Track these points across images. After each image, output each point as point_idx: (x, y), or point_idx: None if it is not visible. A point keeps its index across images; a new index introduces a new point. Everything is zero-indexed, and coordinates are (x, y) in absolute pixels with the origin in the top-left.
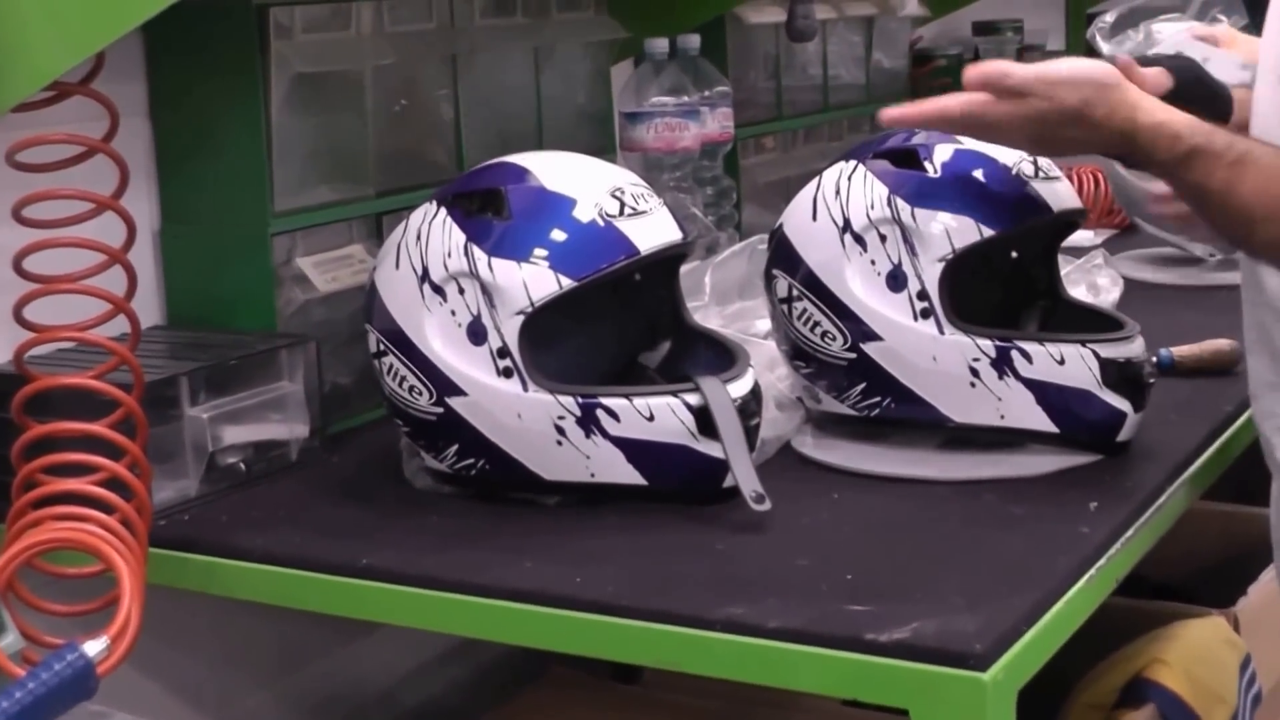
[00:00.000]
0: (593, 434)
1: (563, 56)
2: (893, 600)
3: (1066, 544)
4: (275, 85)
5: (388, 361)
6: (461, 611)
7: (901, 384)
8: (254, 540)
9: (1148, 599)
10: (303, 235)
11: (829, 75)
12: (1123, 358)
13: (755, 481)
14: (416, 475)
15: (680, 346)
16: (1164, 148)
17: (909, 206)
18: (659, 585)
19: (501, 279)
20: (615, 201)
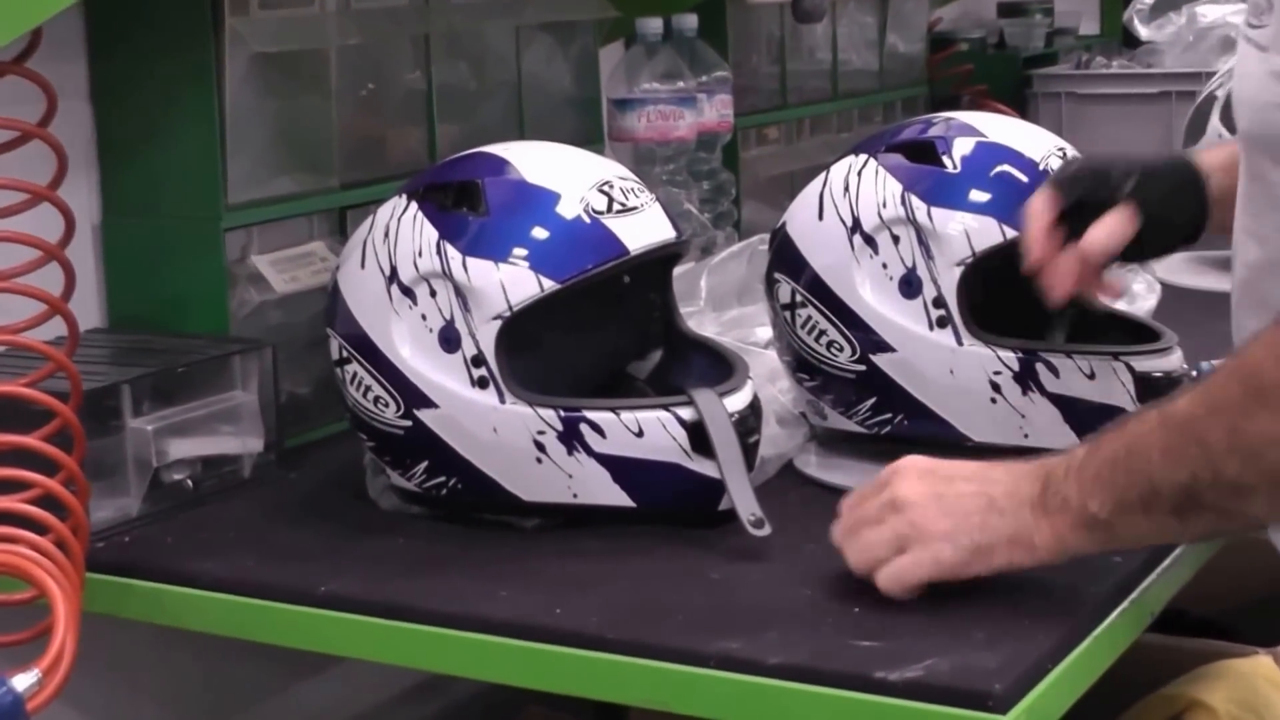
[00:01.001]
0: (576, 451)
1: (546, 37)
2: (905, 635)
3: (1097, 574)
4: (230, 66)
5: (351, 370)
6: (429, 645)
7: (915, 399)
8: (202, 565)
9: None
10: (259, 230)
11: (838, 60)
12: (1159, 371)
13: (754, 504)
14: (382, 494)
15: (673, 356)
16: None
17: (925, 205)
18: (647, 617)
19: (477, 280)
20: (603, 197)
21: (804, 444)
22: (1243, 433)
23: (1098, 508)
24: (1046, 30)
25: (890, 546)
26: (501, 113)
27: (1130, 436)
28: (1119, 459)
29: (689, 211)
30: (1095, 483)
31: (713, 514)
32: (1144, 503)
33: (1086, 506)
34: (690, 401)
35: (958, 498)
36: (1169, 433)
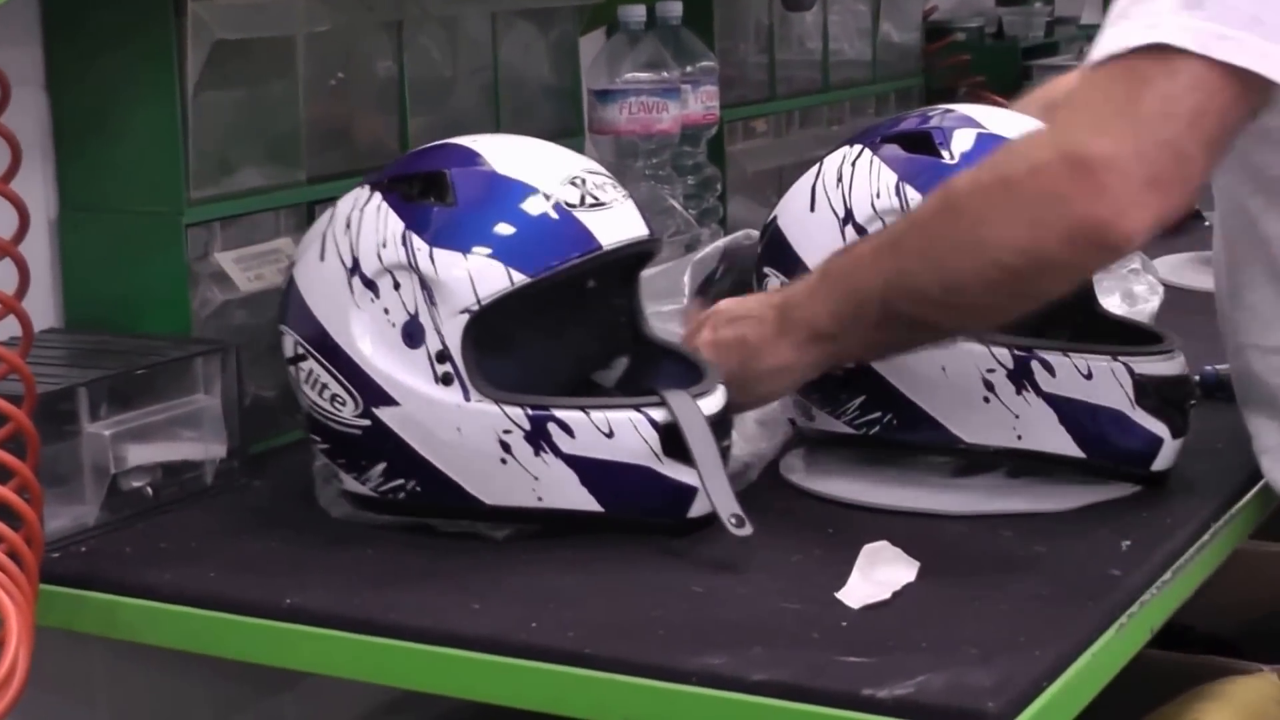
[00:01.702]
0: (543, 452)
1: (524, 24)
2: (895, 651)
3: (1095, 588)
4: (192, 54)
5: (307, 367)
6: (400, 660)
7: (905, 397)
8: (161, 576)
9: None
10: (222, 226)
11: (829, 50)
12: (1161, 375)
13: (734, 503)
14: (333, 503)
15: (640, 363)
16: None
17: (921, 196)
18: (626, 631)
19: (444, 273)
20: (574, 190)
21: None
22: (928, 238)
23: (824, 323)
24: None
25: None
26: (477, 103)
27: (852, 254)
28: (841, 275)
29: (673, 208)
30: (821, 299)
31: (682, 522)
32: (855, 313)
33: (815, 322)
34: (663, 403)
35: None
36: (878, 246)
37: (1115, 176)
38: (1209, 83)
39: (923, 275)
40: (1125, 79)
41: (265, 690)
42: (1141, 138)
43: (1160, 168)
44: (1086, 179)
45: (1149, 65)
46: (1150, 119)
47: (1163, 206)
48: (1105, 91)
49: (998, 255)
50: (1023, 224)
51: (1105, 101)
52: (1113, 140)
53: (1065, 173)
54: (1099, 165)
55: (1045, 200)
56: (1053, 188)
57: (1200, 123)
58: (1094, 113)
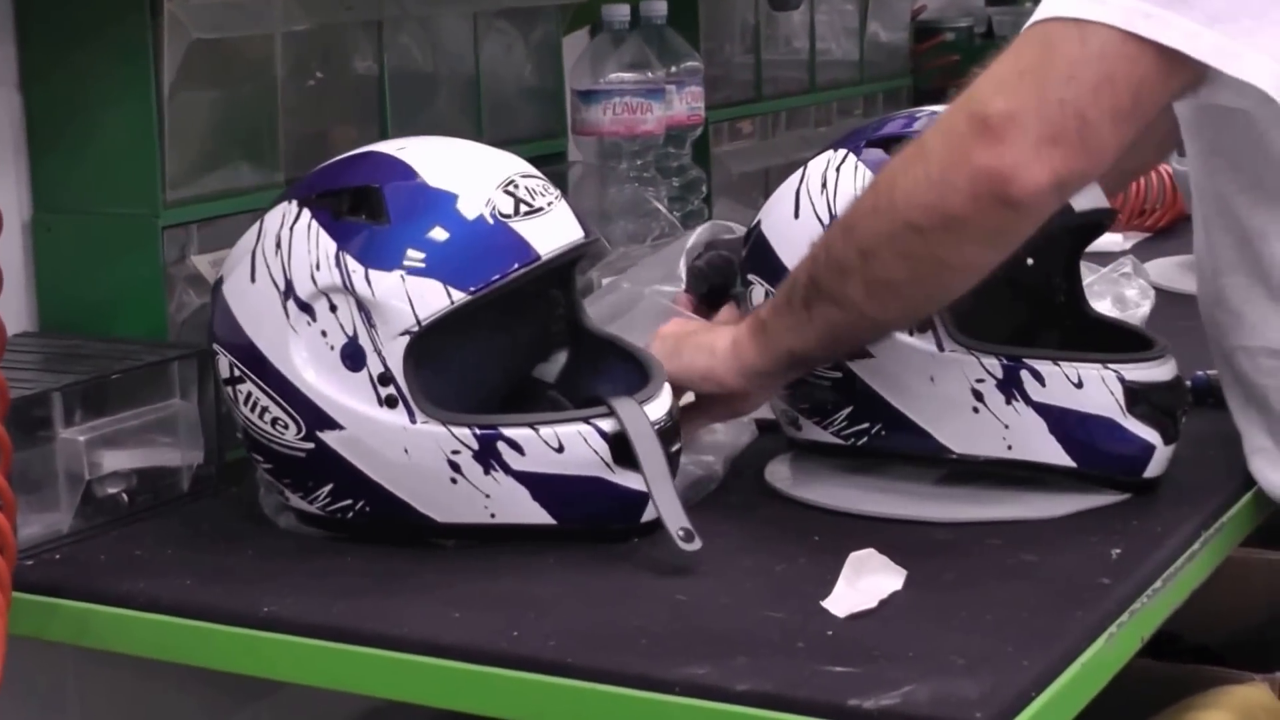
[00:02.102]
0: (493, 470)
1: (506, 24)
2: (881, 661)
3: (1084, 597)
4: (168, 53)
5: (245, 390)
6: (378, 669)
7: (893, 408)
8: (136, 584)
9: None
10: (199, 228)
11: (816, 50)
12: (1151, 381)
13: (682, 517)
14: (279, 514)
15: (580, 357)
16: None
17: None
18: (608, 640)
19: (381, 294)
20: (508, 198)
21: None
22: (852, 209)
23: (762, 311)
24: None
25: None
26: (458, 104)
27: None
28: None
29: (657, 210)
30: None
31: (636, 527)
32: (786, 298)
33: (759, 313)
34: (611, 412)
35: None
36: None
37: (1014, 131)
38: (1122, 52)
39: (841, 244)
40: (1038, 43)
41: (242, 700)
42: (1043, 97)
43: (1059, 127)
44: (986, 133)
45: (1061, 30)
46: (1053, 80)
47: (1062, 165)
48: (1017, 54)
49: (907, 215)
50: (929, 182)
51: (1015, 63)
52: (1015, 97)
53: (967, 129)
54: (998, 120)
55: (949, 157)
56: (956, 144)
57: (1106, 89)
58: (1002, 73)
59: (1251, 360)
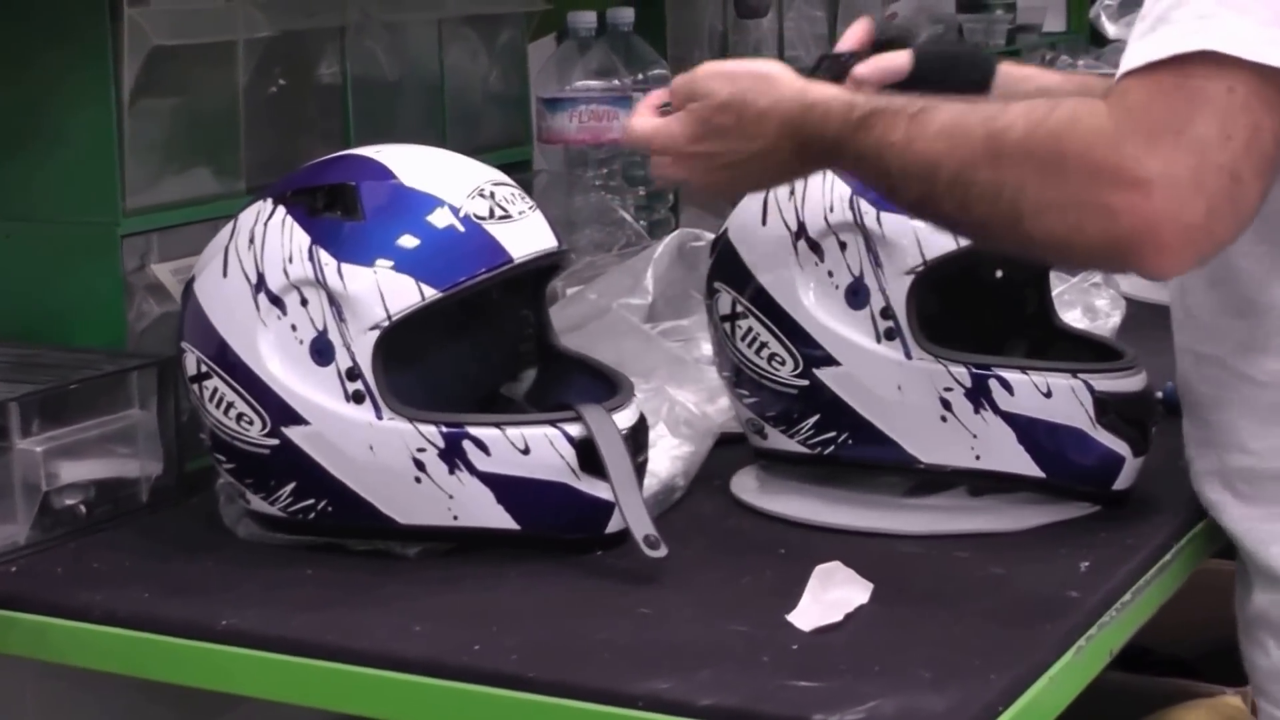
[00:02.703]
0: (458, 469)
1: (471, 31)
2: (846, 675)
3: (1053, 610)
4: (128, 59)
5: (211, 386)
6: (339, 684)
7: (861, 417)
8: (94, 597)
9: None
10: (159, 237)
11: (785, 56)
12: (1121, 392)
13: (648, 524)
14: (239, 522)
15: (549, 375)
16: (837, 116)
17: (874, 210)
18: (571, 654)
19: (353, 288)
20: (484, 203)
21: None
22: (964, 169)
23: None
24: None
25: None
26: (422, 112)
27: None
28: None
29: (623, 219)
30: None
31: (599, 538)
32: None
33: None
34: (579, 418)
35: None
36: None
37: (1171, 203)
38: (1265, 99)
39: (946, 196)
40: (1182, 90)
41: (200, 714)
42: (1203, 163)
43: (1216, 197)
44: (1139, 200)
45: (1206, 75)
46: (1212, 143)
47: (1209, 241)
48: (1164, 102)
49: (1030, 229)
50: (1063, 218)
51: (1163, 113)
52: (1171, 161)
53: (1117, 185)
54: (1155, 188)
55: (1092, 206)
56: (1102, 197)
57: (1255, 143)
58: (1152, 124)
59: (1197, 367)
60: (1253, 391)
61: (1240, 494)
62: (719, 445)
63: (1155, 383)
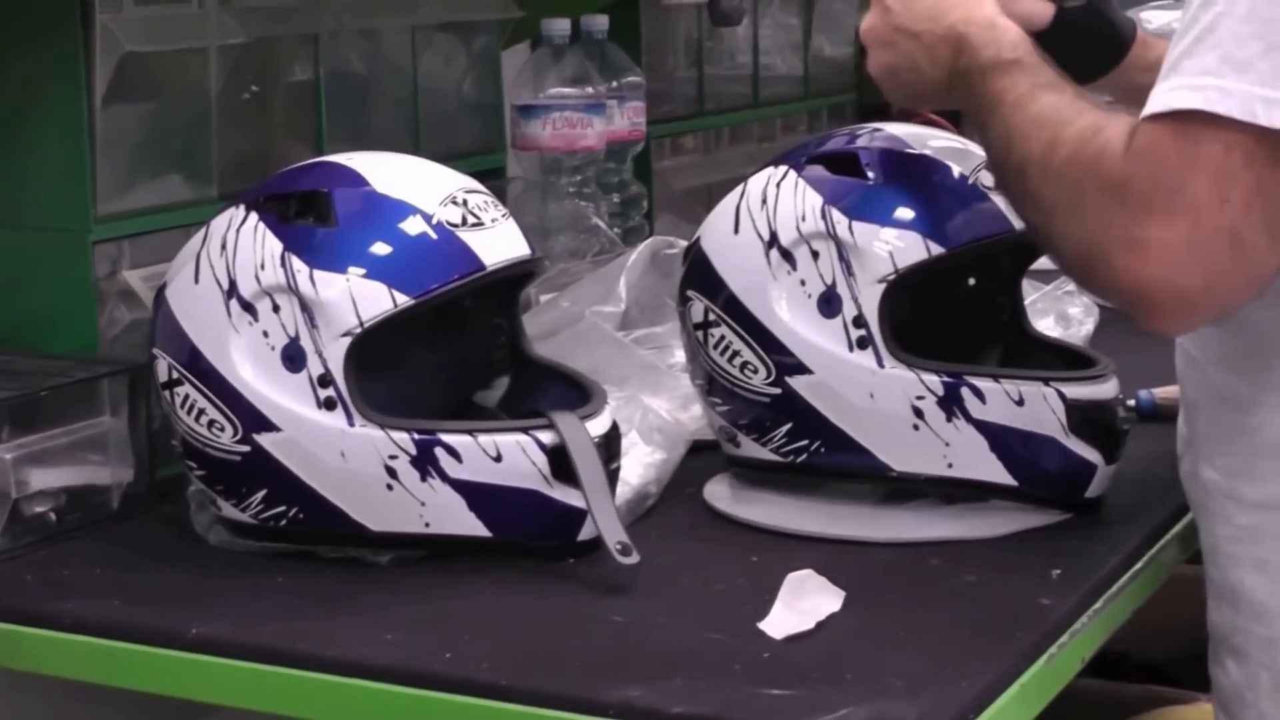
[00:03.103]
0: (430, 477)
1: (445, 38)
2: (818, 683)
3: (1024, 618)
4: (100, 66)
5: (182, 392)
6: (310, 692)
7: (833, 425)
8: (63, 605)
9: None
10: (131, 244)
11: (760, 65)
12: (1093, 399)
13: (620, 531)
14: (209, 530)
15: (521, 383)
16: (993, 46)
17: (846, 219)
18: (543, 662)
19: (325, 294)
20: (456, 210)
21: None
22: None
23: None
24: None
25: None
26: (396, 119)
27: (999, 91)
28: (985, 103)
29: (597, 226)
30: (971, 100)
31: (571, 545)
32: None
33: (967, 107)
34: (551, 425)
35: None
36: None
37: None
38: (1262, 157)
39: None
40: (1178, 149)
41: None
42: (1199, 226)
43: (1214, 260)
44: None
45: (1201, 136)
46: (1207, 205)
47: (1211, 303)
48: (1162, 159)
49: (1058, 247)
50: (1080, 253)
51: (1161, 172)
52: (1169, 225)
53: (1118, 241)
54: (1150, 250)
55: (1098, 251)
56: (1105, 246)
57: (1257, 204)
58: (1151, 182)
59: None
60: (1221, 407)
61: (1209, 510)
62: (692, 453)
63: (1128, 390)
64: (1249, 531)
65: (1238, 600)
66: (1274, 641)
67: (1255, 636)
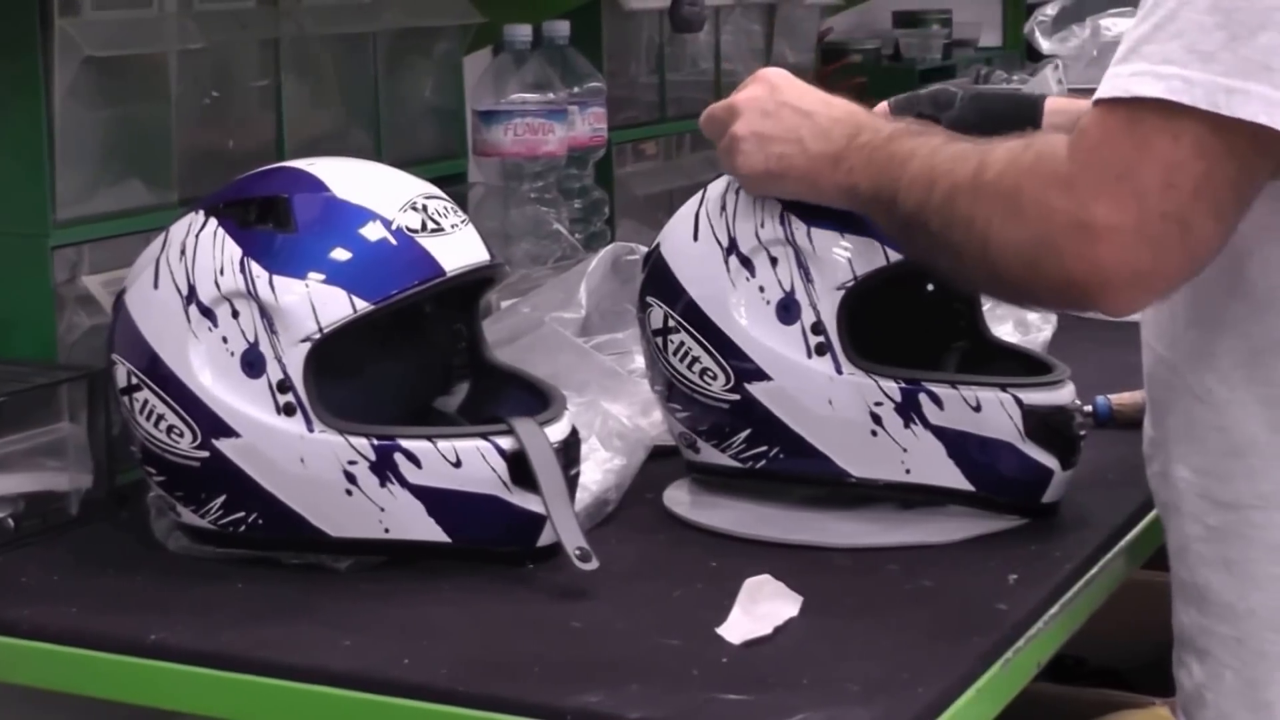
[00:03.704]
0: (389, 482)
1: (406, 43)
2: (776, 688)
3: (981, 623)
4: (60, 71)
5: (141, 398)
6: (267, 698)
7: (792, 431)
8: (21, 612)
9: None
10: (90, 249)
11: (721, 70)
12: (1050, 405)
13: (580, 537)
14: (169, 536)
15: (481, 389)
16: (896, 125)
17: (805, 225)
18: (501, 668)
19: (284, 300)
20: (416, 215)
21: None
22: (952, 192)
23: (864, 188)
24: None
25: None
26: (357, 125)
27: (912, 147)
28: (894, 160)
29: (558, 232)
30: (873, 168)
31: (530, 550)
32: (887, 206)
33: (857, 184)
34: (510, 430)
35: (777, 120)
36: (929, 167)
37: (1114, 248)
38: (1214, 147)
39: (935, 214)
40: (1131, 136)
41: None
42: (1144, 210)
43: (1161, 242)
44: (1084, 245)
45: (1154, 124)
46: (1153, 190)
47: (1161, 283)
48: (1112, 146)
49: (994, 263)
50: (1020, 257)
51: (1111, 158)
52: (1116, 209)
53: (1066, 229)
54: (1099, 234)
55: (1046, 248)
56: (1052, 239)
57: (1206, 190)
58: (1100, 169)
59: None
60: (1193, 406)
61: (1180, 510)
62: (651, 458)
63: (1085, 396)
64: (1219, 531)
65: (1204, 601)
66: (1238, 641)
67: (1219, 637)
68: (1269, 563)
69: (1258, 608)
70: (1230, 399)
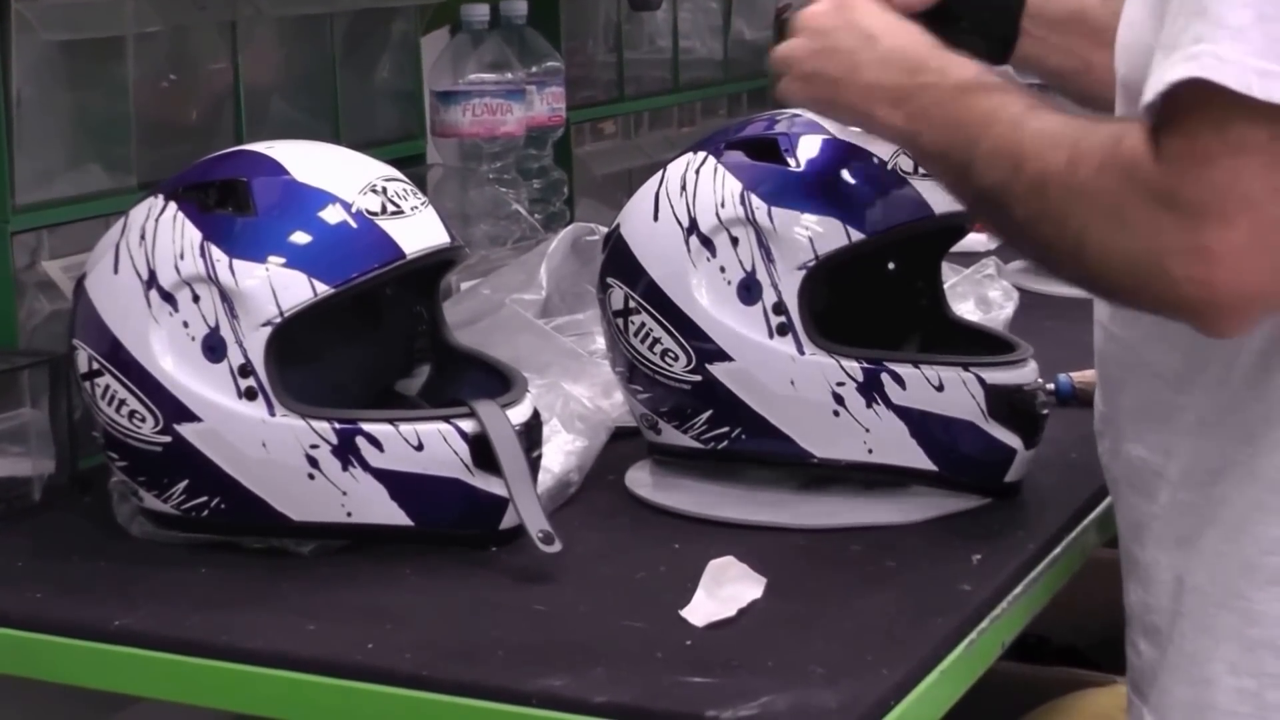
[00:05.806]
0: (351, 466)
1: (363, 25)
2: (740, 671)
3: (944, 603)
4: (17, 55)
5: (103, 383)
6: (231, 683)
7: (754, 412)
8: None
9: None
10: (50, 234)
11: (680, 49)
12: (1012, 384)
13: (542, 520)
14: (132, 521)
15: (443, 372)
16: (963, 68)
17: (766, 205)
18: (465, 652)
19: (245, 284)
20: (376, 198)
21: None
22: (1041, 184)
23: (927, 141)
24: None
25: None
26: (314, 106)
27: (989, 109)
28: (968, 121)
29: (517, 212)
30: (941, 122)
31: (493, 533)
32: (958, 171)
33: (919, 133)
34: (472, 413)
35: (834, 40)
36: (1013, 143)
37: (1228, 274)
38: None
39: (1022, 198)
40: (1221, 134)
41: (93, 714)
42: (1260, 221)
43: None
44: (1196, 269)
45: (1242, 119)
46: (1260, 197)
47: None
48: (1206, 159)
49: (1092, 267)
50: (1125, 269)
51: (1209, 172)
52: (1225, 226)
53: (1177, 254)
54: (1215, 258)
55: (1153, 266)
56: (1160, 261)
57: None
58: (1200, 186)
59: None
60: (1151, 384)
61: (1130, 484)
62: (613, 440)
63: (1047, 374)
64: (1172, 509)
65: (1152, 578)
66: (1181, 615)
67: (1167, 613)
68: (1220, 540)
69: (1203, 583)
70: (1193, 379)
